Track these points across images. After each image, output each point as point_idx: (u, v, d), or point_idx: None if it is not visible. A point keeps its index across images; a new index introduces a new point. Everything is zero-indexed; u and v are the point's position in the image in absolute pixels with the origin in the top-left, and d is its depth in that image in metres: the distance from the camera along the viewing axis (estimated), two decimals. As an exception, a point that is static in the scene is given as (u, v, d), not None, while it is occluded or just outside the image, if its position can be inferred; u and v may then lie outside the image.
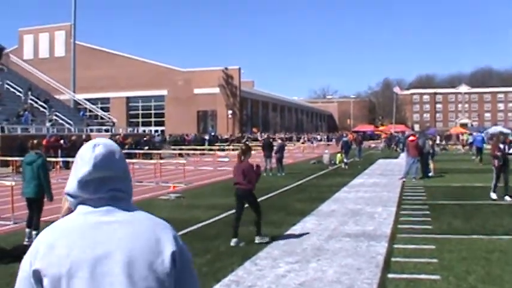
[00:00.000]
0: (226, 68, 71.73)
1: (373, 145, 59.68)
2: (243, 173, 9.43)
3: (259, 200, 15.11)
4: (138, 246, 1.74)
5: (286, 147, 27.70)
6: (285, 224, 11.04)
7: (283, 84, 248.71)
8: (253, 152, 34.04)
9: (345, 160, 28.86)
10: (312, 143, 44.44)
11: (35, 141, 9.94)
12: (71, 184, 1.84)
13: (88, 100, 55.57)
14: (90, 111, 56.15)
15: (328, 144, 63.77)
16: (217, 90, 71.24)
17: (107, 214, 1.79)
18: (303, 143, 45.33)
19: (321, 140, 72.76)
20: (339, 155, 30.92)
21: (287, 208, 13.47)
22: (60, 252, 1.71)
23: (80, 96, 53.80)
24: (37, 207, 9.26)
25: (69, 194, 1.85)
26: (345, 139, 32.09)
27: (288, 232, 10.25)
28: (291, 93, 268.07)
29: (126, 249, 1.73)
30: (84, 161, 1.83)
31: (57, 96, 51.01)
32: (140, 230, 1.79)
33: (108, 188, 1.82)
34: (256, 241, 9.23)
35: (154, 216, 1.90)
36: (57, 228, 1.78)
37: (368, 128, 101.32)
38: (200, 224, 11.15)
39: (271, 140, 29.39)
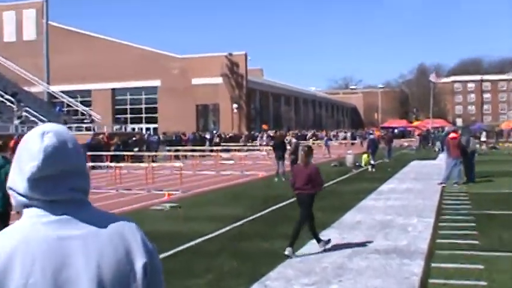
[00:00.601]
0: (230, 54, 71.82)
1: (405, 144, 59.48)
2: (309, 177, 9.78)
3: (269, 210, 15.30)
4: (107, 265, 1.71)
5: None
6: (301, 238, 10.94)
7: (297, 72, 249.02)
8: (263, 153, 34.28)
9: (372, 162, 28.83)
10: (327, 143, 44.16)
11: (1, 142, 9.86)
12: (17, 182, 1.77)
13: (65, 93, 55.92)
14: (68, 105, 56.39)
15: (351, 143, 63.67)
16: (219, 80, 71.32)
17: (68, 225, 1.73)
18: (313, 142, 45.22)
19: (344, 138, 72.63)
20: (364, 155, 30.84)
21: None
22: (16, 277, 1.66)
23: (55, 88, 54.11)
24: (2, 223, 9.24)
25: (14, 191, 1.78)
26: (371, 137, 32.07)
27: (305, 248, 10.22)
28: (308, 83, 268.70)
29: (93, 272, 1.70)
30: (31, 154, 1.75)
31: (27, 88, 51.25)
32: (108, 243, 1.74)
33: (65, 187, 1.76)
34: (286, 253, 9.45)
35: (118, 217, 1.85)
36: (10, 243, 1.69)
37: (399, 124, 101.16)
38: (200, 239, 11.18)
39: (285, 138, 29.38)
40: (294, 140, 26.02)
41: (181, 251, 10.13)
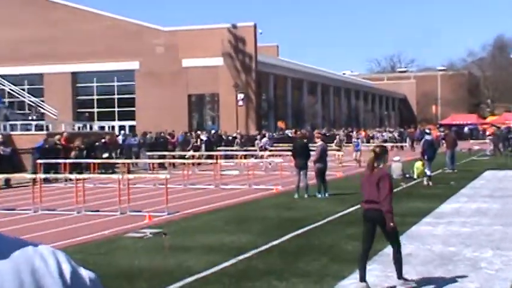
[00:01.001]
0: (234, 26, 71.96)
1: (475, 147, 59.24)
2: (378, 185, 10.01)
3: (287, 237, 15.31)
4: None
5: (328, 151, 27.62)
6: (329, 277, 11.05)
7: (325, 51, 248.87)
8: (278, 161, 34.43)
9: (428, 172, 28.71)
10: (357, 146, 43.96)
11: None
12: None
13: (6, 77, 55.99)
14: (10, 95, 56.46)
15: (399, 147, 63.46)
16: (219, 61, 71.45)
17: None
18: (338, 146, 45.17)
19: (385, 141, 72.40)
20: (418, 163, 30.74)
21: (332, 250, 13.49)
22: None
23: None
24: None
25: None
26: (428, 138, 31.91)
27: (336, 290, 10.17)
28: (339, 65, 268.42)
29: None
30: None
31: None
32: (11, 279, 1.65)
33: None
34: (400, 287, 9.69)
35: (28, 241, 1.74)
36: None
37: (467, 119, 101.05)
38: (191, 278, 11.18)
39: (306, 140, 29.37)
40: (320, 143, 25.98)
41: (166, 294, 10.13)
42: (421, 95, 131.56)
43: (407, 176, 30.23)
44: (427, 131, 35.67)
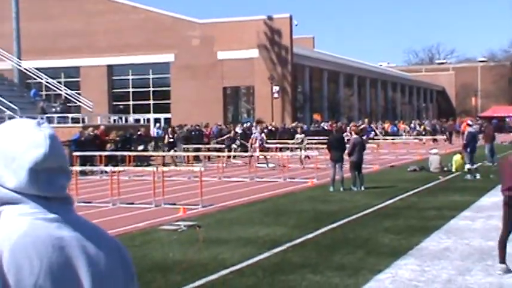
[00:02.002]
0: (269, 18, 71.86)
1: (516, 140, 58.81)
2: None
3: (322, 230, 15.26)
4: (105, 275, 2.08)
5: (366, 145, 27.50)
6: (364, 271, 11.00)
7: (362, 43, 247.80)
8: (314, 154, 34.19)
9: (469, 165, 28.39)
10: (369, 133, 43.62)
11: None
12: (5, 175, 2.06)
13: (43, 71, 56.38)
14: (47, 88, 56.91)
15: (433, 139, 62.93)
16: (255, 53, 71.39)
17: (65, 226, 2.06)
18: (369, 137, 44.81)
19: (424, 133, 71.82)
20: (457, 156, 30.50)
21: (368, 244, 13.45)
22: (25, 278, 1.97)
23: (29, 64, 54.59)
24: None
25: (16, 192, 2.06)
26: (471, 130, 31.36)
27: (369, 284, 10.18)
28: (376, 57, 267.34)
29: (94, 278, 2.05)
30: (31, 141, 2.07)
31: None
32: (106, 253, 2.12)
33: (58, 183, 2.09)
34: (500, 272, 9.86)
35: (101, 228, 2.22)
36: (15, 241, 1.99)
37: (510, 112, 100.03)
38: (226, 271, 11.19)
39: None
40: (353, 136, 25.86)
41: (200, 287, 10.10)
42: (460, 87, 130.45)
43: (445, 168, 30.05)
44: (470, 122, 35.17)
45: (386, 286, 9.97)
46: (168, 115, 72.73)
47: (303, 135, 37.19)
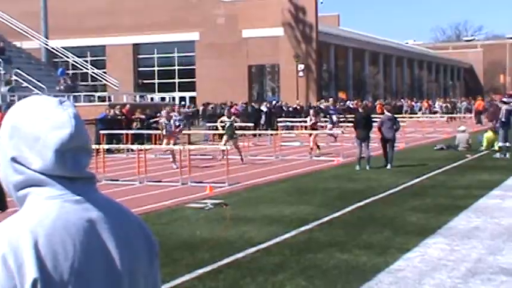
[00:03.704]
0: (294, -5, 71.65)
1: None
2: None
3: (348, 209, 15.26)
4: (134, 255, 2.13)
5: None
6: (392, 249, 10.99)
7: (387, 20, 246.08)
8: (339, 132, 33.92)
9: (502, 143, 28.02)
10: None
11: None
12: (29, 156, 2.04)
13: (70, 49, 56.59)
14: (73, 67, 57.17)
15: (450, 118, 62.47)
16: (280, 31, 71.26)
17: (92, 207, 2.07)
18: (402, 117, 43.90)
19: (451, 110, 71.10)
20: (488, 134, 30.32)
21: (395, 223, 13.40)
22: (61, 262, 1.97)
23: (56, 43, 54.78)
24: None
25: (24, 166, 2.05)
26: (507, 107, 30.38)
27: (398, 263, 10.15)
28: (402, 34, 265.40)
29: (125, 259, 2.09)
30: (56, 121, 2.04)
31: (17, 43, 52.14)
32: (133, 233, 2.17)
33: (82, 164, 2.09)
34: None
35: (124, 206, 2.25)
36: (47, 225, 1.98)
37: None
38: (253, 249, 11.22)
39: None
40: (386, 113, 25.81)
41: (227, 266, 10.17)
42: (489, 64, 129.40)
43: (479, 148, 29.84)
44: (505, 100, 34.61)
45: (416, 265, 9.95)
46: (193, 93, 72.88)
47: (232, 119, 27.73)
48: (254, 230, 12.76)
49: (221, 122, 27.84)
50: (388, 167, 23.75)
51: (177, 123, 28.10)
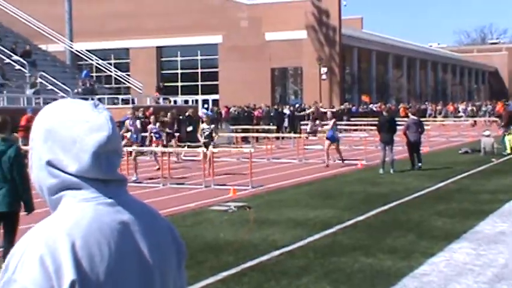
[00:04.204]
0: (318, -1, 71.57)
1: None
2: None
3: (373, 213, 15.22)
4: (164, 257, 2.16)
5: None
6: (417, 254, 10.94)
7: (411, 23, 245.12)
8: (363, 135, 33.80)
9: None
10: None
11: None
12: (64, 159, 2.05)
13: (94, 52, 56.87)
14: (97, 69, 57.48)
15: (491, 121, 62.18)
16: (303, 34, 71.18)
17: (124, 210, 2.10)
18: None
19: (473, 114, 70.70)
20: (509, 137, 30.20)
21: (420, 227, 13.34)
22: (97, 264, 2.00)
23: (80, 46, 55.15)
24: (10, 226, 9.43)
25: (59, 170, 2.06)
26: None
27: (423, 267, 10.09)
28: (426, 37, 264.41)
29: (157, 261, 2.12)
30: (92, 124, 2.06)
31: (43, 47, 52.45)
32: (163, 235, 2.20)
33: (115, 166, 2.12)
34: None
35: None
36: (83, 228, 2.00)
37: None
38: (277, 252, 11.21)
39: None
40: (411, 117, 25.81)
41: (251, 268, 10.18)
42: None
43: (498, 151, 29.76)
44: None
45: (441, 269, 9.90)
46: (216, 96, 72.97)
47: (211, 126, 24.70)
48: (278, 233, 12.75)
49: (202, 130, 24.29)
50: (419, 165, 23.99)
51: (156, 136, 26.49)
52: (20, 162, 9.30)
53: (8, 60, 42.88)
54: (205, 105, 63.86)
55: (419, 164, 24.12)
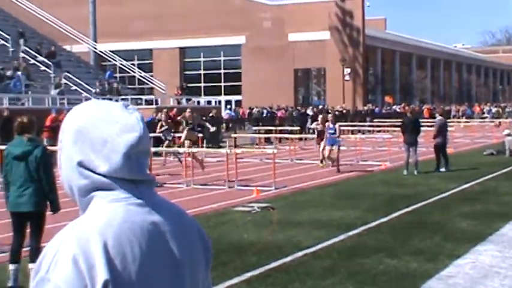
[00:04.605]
0: (341, 0, 71.47)
1: None
2: None
3: (397, 214, 15.16)
4: (194, 258, 2.17)
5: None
6: (442, 255, 10.89)
7: (435, 23, 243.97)
8: (386, 136, 33.53)
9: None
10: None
11: (25, 120, 9.55)
12: (95, 160, 2.05)
13: (118, 53, 57.12)
14: (121, 70, 57.75)
15: (498, 123, 61.80)
16: (326, 35, 71.11)
17: (154, 210, 2.10)
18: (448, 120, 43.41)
19: (498, 115, 70.33)
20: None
21: (445, 228, 13.27)
22: (129, 265, 2.00)
23: (104, 47, 55.39)
24: (36, 226, 9.49)
25: (90, 171, 2.06)
26: None
27: (448, 269, 10.05)
28: (450, 38, 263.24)
29: (187, 261, 2.13)
30: (124, 125, 2.06)
31: (67, 47, 52.84)
32: (192, 235, 2.22)
33: (145, 166, 2.12)
34: None
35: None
36: (115, 228, 2.01)
37: None
38: (301, 253, 11.19)
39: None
40: (438, 118, 25.74)
41: (275, 269, 10.16)
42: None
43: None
44: None
45: (467, 272, 9.84)
46: (238, 97, 73.04)
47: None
48: (302, 234, 12.74)
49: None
50: (447, 167, 23.92)
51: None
52: (47, 162, 9.38)
53: (33, 61, 43.29)
54: (228, 106, 64.00)
55: (447, 166, 24.03)
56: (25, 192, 9.26)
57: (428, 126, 35.63)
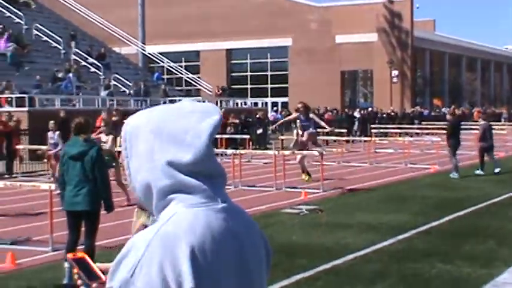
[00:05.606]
0: (390, 1, 71.05)
1: None
2: None
3: (448, 218, 14.98)
4: (263, 265, 2.22)
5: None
6: (497, 261, 10.72)
7: (485, 25, 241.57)
8: (435, 139, 33.08)
9: None
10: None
11: (82, 121, 9.88)
12: (192, 147, 2.06)
13: (166, 55, 57.60)
14: (169, 72, 58.20)
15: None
16: (374, 37, 70.79)
17: (232, 217, 2.14)
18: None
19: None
20: None
21: (498, 234, 13.04)
22: (216, 273, 2.05)
23: (152, 49, 55.96)
24: (91, 225, 9.66)
25: (175, 170, 2.09)
26: None
27: (504, 276, 9.90)
28: (500, 40, 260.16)
29: (261, 268, 2.20)
30: (203, 111, 2.13)
31: (117, 49, 53.40)
32: (259, 241, 2.24)
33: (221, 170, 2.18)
34: None
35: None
36: (202, 236, 2.04)
37: None
38: (351, 256, 11.15)
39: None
40: (482, 122, 25.45)
41: (325, 272, 10.13)
42: None
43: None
44: None
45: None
46: (285, 99, 73.03)
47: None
48: (351, 237, 12.70)
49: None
50: (497, 170, 23.67)
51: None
52: (102, 162, 9.62)
53: (83, 63, 43.90)
54: (275, 108, 64.04)
55: (498, 169, 23.76)
56: (80, 192, 9.44)
57: (477, 129, 35.19)
